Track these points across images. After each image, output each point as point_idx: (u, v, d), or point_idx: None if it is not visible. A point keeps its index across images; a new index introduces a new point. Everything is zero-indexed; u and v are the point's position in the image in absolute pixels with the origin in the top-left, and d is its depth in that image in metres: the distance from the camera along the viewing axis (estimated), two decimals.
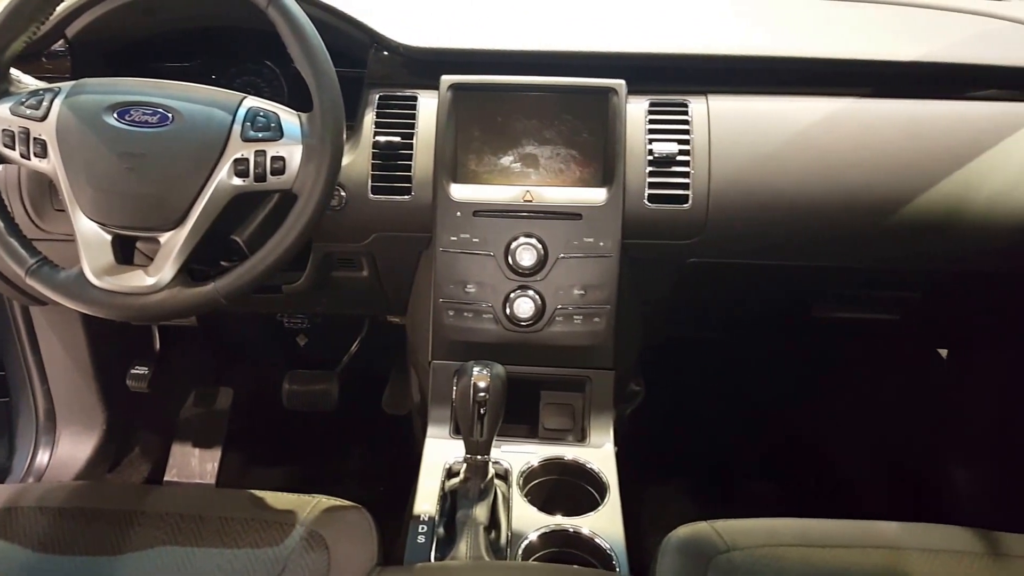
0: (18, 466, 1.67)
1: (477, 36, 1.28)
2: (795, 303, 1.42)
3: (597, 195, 1.19)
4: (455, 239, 1.20)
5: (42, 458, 1.68)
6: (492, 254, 1.20)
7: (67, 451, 1.70)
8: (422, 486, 1.11)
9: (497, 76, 1.21)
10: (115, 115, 1.03)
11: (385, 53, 1.25)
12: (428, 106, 1.22)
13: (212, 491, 1.70)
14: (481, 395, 0.98)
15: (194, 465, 1.85)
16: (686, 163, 1.19)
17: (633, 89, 1.21)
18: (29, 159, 1.04)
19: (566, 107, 1.20)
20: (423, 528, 1.03)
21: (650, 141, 1.20)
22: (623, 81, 1.19)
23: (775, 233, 1.21)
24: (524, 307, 1.20)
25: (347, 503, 1.09)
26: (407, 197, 1.20)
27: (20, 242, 1.07)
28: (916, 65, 1.23)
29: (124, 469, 1.79)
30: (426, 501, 1.07)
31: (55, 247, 1.15)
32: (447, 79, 1.20)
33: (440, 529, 1.03)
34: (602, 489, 1.11)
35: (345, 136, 1.09)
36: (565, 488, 1.14)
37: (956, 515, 1.37)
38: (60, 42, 1.25)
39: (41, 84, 1.09)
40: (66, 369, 1.67)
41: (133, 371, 1.72)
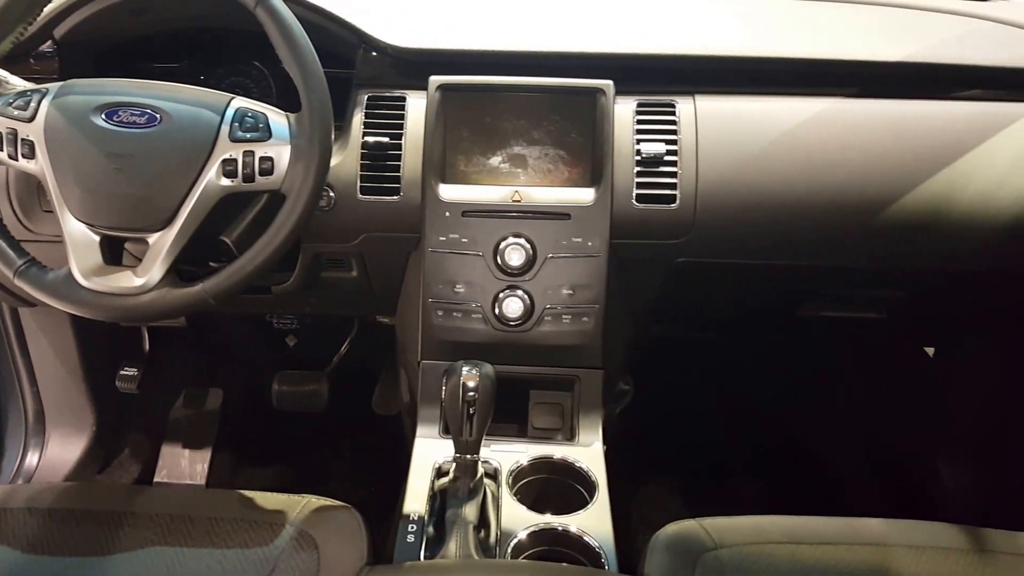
0: (7, 468, 1.66)
1: (465, 37, 1.28)
2: (782, 302, 1.43)
3: (585, 195, 1.20)
4: (444, 239, 1.20)
5: (31, 460, 1.68)
6: (481, 254, 1.20)
7: (56, 452, 1.69)
8: (412, 485, 1.11)
9: (485, 76, 1.21)
10: (103, 116, 1.03)
11: (373, 54, 1.25)
12: (416, 107, 1.22)
13: (202, 491, 1.70)
14: (470, 395, 0.99)
15: (184, 466, 1.85)
16: (674, 163, 1.20)
17: (621, 89, 1.21)
18: (17, 160, 1.04)
19: (554, 107, 1.20)
20: (412, 527, 1.03)
21: (638, 141, 1.20)
22: (611, 82, 1.20)
23: (762, 233, 1.22)
24: (513, 307, 1.20)
25: (337, 503, 1.09)
26: (396, 198, 1.20)
27: (8, 243, 1.07)
28: (901, 65, 1.24)
29: (114, 470, 1.78)
30: (415, 500, 1.08)
31: (43, 248, 1.14)
32: (435, 79, 1.20)
33: (430, 528, 1.04)
34: (591, 488, 1.12)
35: (333, 137, 1.09)
36: (554, 487, 1.15)
37: (942, 512, 1.38)
38: (48, 43, 1.25)
39: (29, 85, 1.09)
40: (55, 370, 1.67)
41: (122, 372, 1.72)
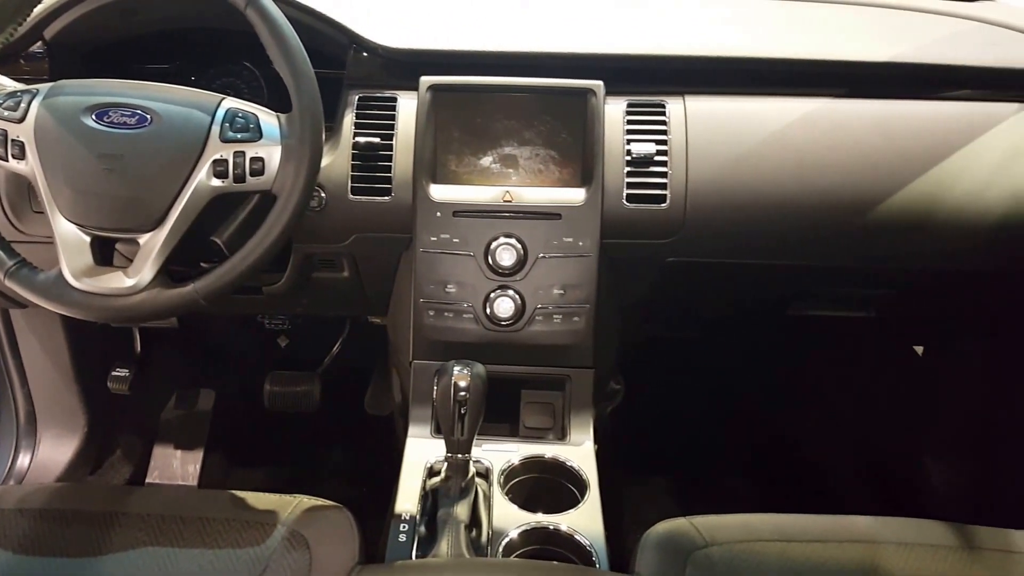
0: None
1: (456, 37, 1.28)
2: (772, 302, 1.44)
3: (576, 195, 1.20)
4: (435, 239, 1.20)
5: (23, 461, 1.67)
6: (472, 254, 1.21)
7: (48, 454, 1.69)
8: (403, 485, 1.11)
9: (476, 77, 1.21)
10: (93, 116, 1.03)
11: (364, 54, 1.25)
12: (407, 107, 1.22)
13: (193, 492, 1.69)
14: (462, 394, 0.99)
15: (176, 467, 1.85)
16: (664, 163, 1.20)
17: (611, 90, 1.22)
18: (7, 161, 1.04)
19: (545, 108, 1.21)
20: (404, 527, 1.03)
21: (628, 141, 1.21)
22: (601, 82, 1.20)
23: (752, 232, 1.22)
24: (504, 307, 1.20)
25: (328, 503, 1.09)
26: (387, 198, 1.20)
27: None
28: (890, 66, 1.25)
29: (105, 471, 1.78)
30: (407, 500, 1.08)
31: (34, 249, 1.14)
32: (426, 80, 1.20)
33: (421, 528, 1.04)
34: (582, 486, 1.12)
35: (324, 137, 1.09)
36: (545, 486, 1.15)
37: (931, 509, 1.39)
38: (38, 44, 1.25)
39: (19, 86, 1.08)
40: (46, 371, 1.66)
41: (114, 373, 1.71)
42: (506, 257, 1.20)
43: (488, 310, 1.21)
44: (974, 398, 1.63)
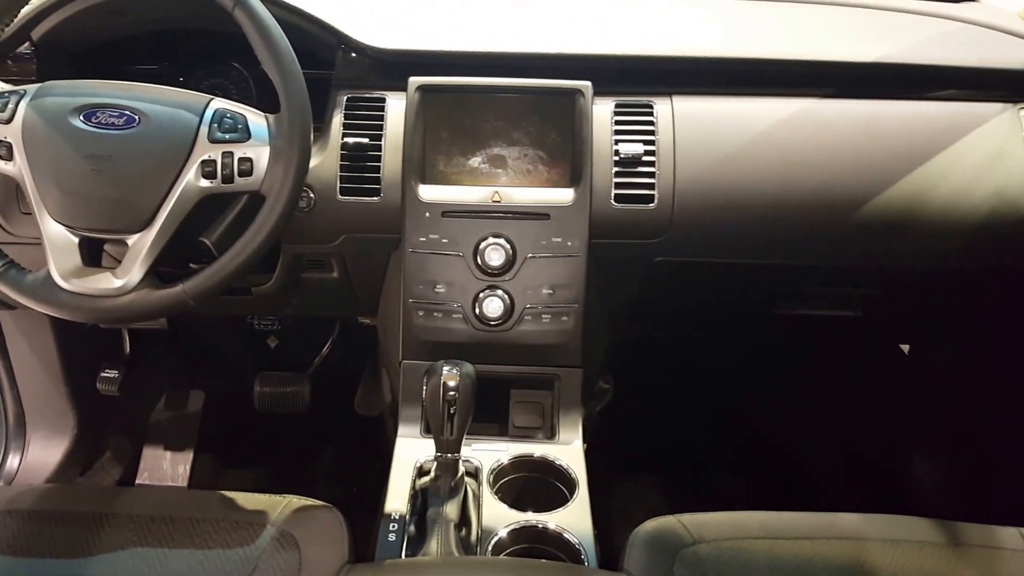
0: None
1: (445, 38, 1.29)
2: (760, 301, 1.44)
3: (565, 195, 1.21)
4: (424, 240, 1.21)
5: (12, 463, 1.67)
6: (461, 254, 1.21)
7: (37, 455, 1.68)
8: (393, 485, 1.11)
9: (465, 78, 1.21)
10: (81, 117, 1.03)
11: (353, 55, 1.25)
12: (396, 107, 1.22)
13: (183, 492, 1.69)
14: (451, 394, 0.99)
15: (166, 468, 1.84)
16: (651, 163, 1.21)
17: (599, 90, 1.22)
18: None
19: (533, 108, 1.21)
20: (394, 526, 1.04)
21: (616, 142, 1.21)
22: (589, 83, 1.21)
23: (739, 232, 1.23)
24: (493, 307, 1.21)
25: (318, 503, 1.09)
26: (376, 198, 1.21)
27: None
28: (875, 66, 1.26)
29: (95, 473, 1.77)
30: (397, 499, 1.08)
31: (22, 250, 1.14)
32: (415, 80, 1.21)
33: (411, 527, 1.04)
34: (571, 485, 1.13)
35: (313, 137, 1.09)
36: (535, 485, 1.15)
37: (917, 506, 1.40)
38: (26, 44, 1.24)
39: (6, 86, 1.08)
40: (35, 373, 1.66)
41: (103, 374, 1.71)
42: (495, 257, 1.20)
43: (477, 310, 1.21)
44: (959, 396, 1.64)
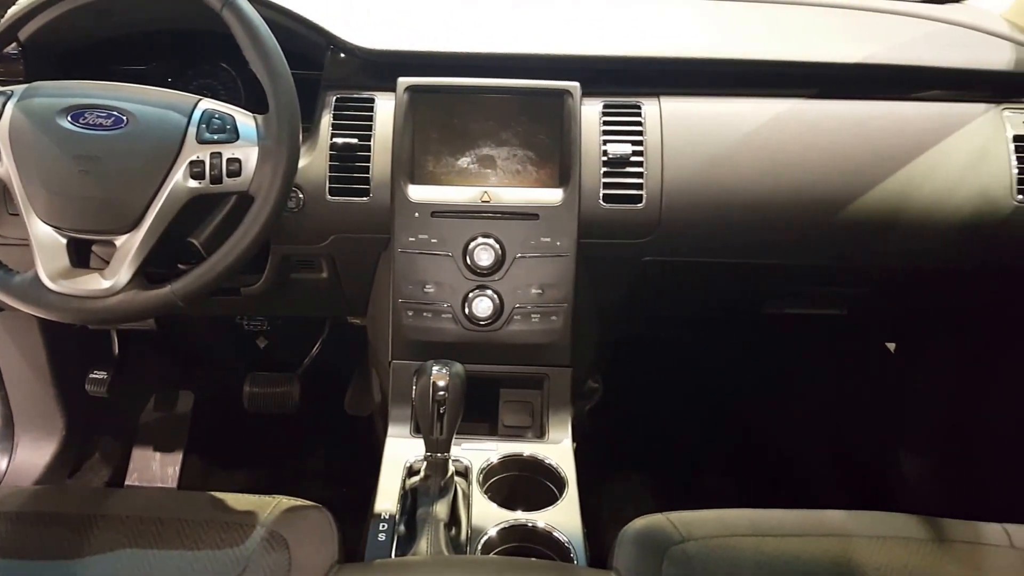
0: None
1: (434, 38, 1.29)
2: (747, 300, 1.45)
3: (553, 195, 1.21)
4: (413, 240, 1.21)
5: (0, 465, 1.66)
6: (450, 254, 1.21)
7: (26, 457, 1.68)
8: (383, 485, 1.11)
9: (453, 79, 1.22)
10: (69, 118, 1.02)
11: (342, 55, 1.25)
12: (385, 108, 1.23)
13: (172, 493, 1.69)
14: (440, 394, 0.99)
15: (155, 469, 1.84)
16: (639, 163, 1.21)
17: (587, 91, 1.23)
18: None
19: (522, 109, 1.22)
20: (384, 526, 1.04)
21: (604, 142, 1.22)
22: (577, 83, 1.21)
23: (726, 232, 1.23)
24: (483, 306, 1.21)
25: (308, 503, 1.09)
26: (365, 199, 1.21)
27: None
28: (861, 67, 1.27)
29: (84, 474, 1.77)
30: (387, 499, 1.08)
31: (9, 252, 1.14)
32: (403, 81, 1.21)
33: (401, 527, 1.04)
34: (561, 484, 1.13)
35: (302, 138, 1.10)
36: (524, 484, 1.16)
37: (903, 502, 1.41)
38: (13, 45, 1.24)
39: None
40: (23, 374, 1.65)
41: (92, 376, 1.70)
42: (484, 257, 1.20)
43: (467, 310, 1.22)
44: (944, 394, 1.66)
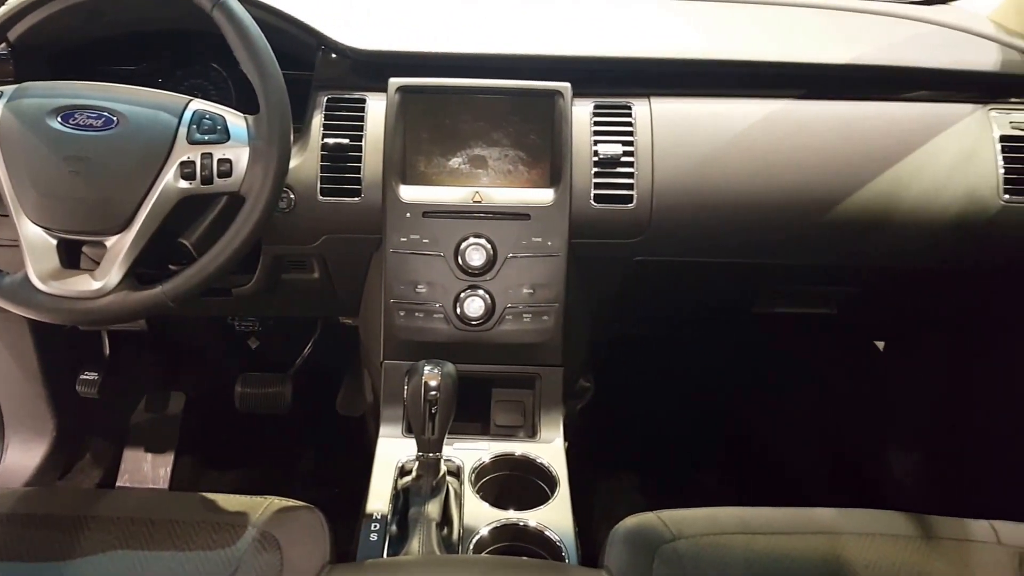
0: None
1: (425, 39, 1.29)
2: (738, 300, 1.46)
3: (545, 196, 1.21)
4: (405, 240, 1.21)
5: None
6: (442, 254, 1.21)
7: (16, 459, 1.67)
8: (375, 485, 1.11)
9: (445, 79, 1.22)
10: (59, 119, 1.02)
11: (333, 56, 1.26)
12: (376, 108, 1.23)
13: (163, 494, 1.68)
14: (432, 394, 1.00)
15: (146, 470, 1.83)
16: (630, 164, 1.22)
17: (578, 91, 1.23)
18: None
19: (513, 110, 1.22)
20: (375, 526, 1.04)
21: (595, 142, 1.22)
22: (568, 84, 1.21)
23: (716, 231, 1.24)
24: (474, 306, 1.21)
25: (299, 503, 1.09)
26: (356, 199, 1.21)
27: None
28: (849, 67, 1.28)
29: (75, 476, 1.76)
30: (379, 499, 1.08)
31: None
32: (395, 81, 1.21)
33: (393, 527, 1.04)
34: (552, 483, 1.13)
35: (293, 138, 1.10)
36: (516, 483, 1.16)
37: (892, 500, 1.42)
38: (2, 45, 1.23)
39: None
40: (13, 376, 1.64)
41: (83, 377, 1.70)
42: (476, 257, 1.20)
43: (458, 310, 1.22)
44: (933, 392, 1.67)
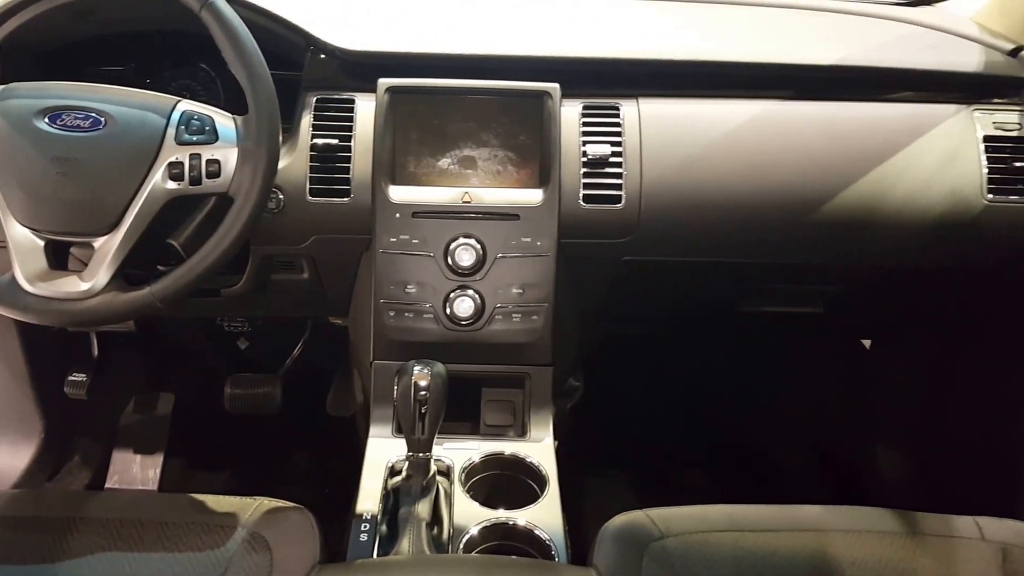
0: None
1: (414, 40, 1.29)
2: (726, 299, 1.47)
3: (534, 196, 1.22)
4: (394, 240, 1.21)
5: None
6: (432, 254, 1.22)
7: (4, 460, 1.66)
8: (365, 485, 1.12)
9: (434, 80, 1.22)
10: (46, 119, 1.02)
11: (322, 56, 1.25)
12: (366, 109, 1.23)
13: (152, 496, 1.68)
14: (422, 394, 1.00)
15: (135, 471, 1.82)
16: (618, 164, 1.22)
17: (567, 92, 1.23)
18: None
19: (502, 110, 1.22)
20: (366, 526, 1.04)
21: (584, 143, 1.23)
22: (557, 85, 1.22)
23: (704, 231, 1.25)
24: (464, 306, 1.22)
25: (289, 504, 1.09)
26: (346, 199, 1.21)
27: None
28: (835, 68, 1.29)
29: (64, 477, 1.75)
30: (369, 499, 1.08)
31: None
32: (384, 82, 1.21)
33: (383, 527, 1.04)
34: (542, 482, 1.14)
35: (281, 139, 1.10)
36: (506, 483, 1.16)
37: (879, 497, 1.43)
38: None
39: None
40: (1, 377, 1.64)
41: (71, 378, 1.69)
42: (465, 257, 1.21)
43: (448, 310, 1.22)
44: (919, 390, 1.68)
